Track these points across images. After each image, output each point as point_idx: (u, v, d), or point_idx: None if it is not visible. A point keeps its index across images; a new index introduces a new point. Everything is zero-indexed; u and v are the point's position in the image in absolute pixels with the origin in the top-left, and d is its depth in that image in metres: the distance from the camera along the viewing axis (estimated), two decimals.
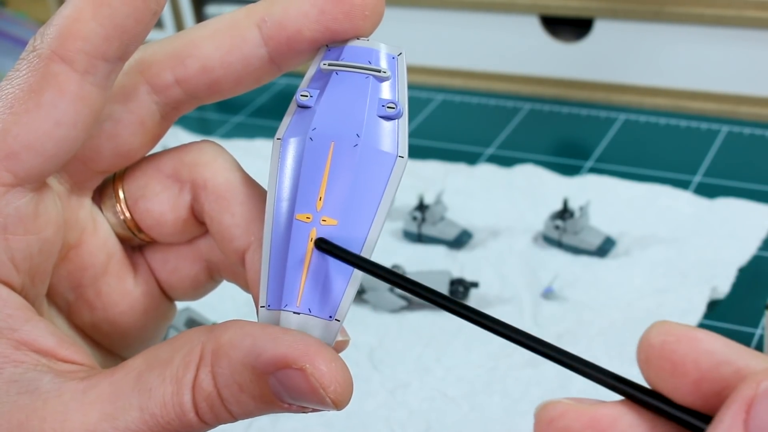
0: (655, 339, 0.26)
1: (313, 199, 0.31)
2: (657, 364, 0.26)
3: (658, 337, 0.26)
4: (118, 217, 0.36)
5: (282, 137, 0.32)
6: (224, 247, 0.35)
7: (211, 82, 0.34)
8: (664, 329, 0.26)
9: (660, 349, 0.26)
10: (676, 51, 0.91)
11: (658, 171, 0.83)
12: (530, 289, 0.71)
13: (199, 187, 0.35)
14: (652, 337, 0.26)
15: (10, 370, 0.31)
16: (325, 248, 0.31)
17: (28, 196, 0.32)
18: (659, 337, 0.26)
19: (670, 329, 0.26)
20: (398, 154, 0.32)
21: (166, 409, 0.30)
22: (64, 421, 0.30)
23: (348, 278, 0.31)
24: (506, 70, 0.98)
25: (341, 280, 0.31)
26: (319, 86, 0.32)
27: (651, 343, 0.26)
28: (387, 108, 0.32)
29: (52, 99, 0.31)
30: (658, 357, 0.26)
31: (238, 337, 0.30)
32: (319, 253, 0.31)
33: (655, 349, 0.26)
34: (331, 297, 0.31)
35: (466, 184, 0.84)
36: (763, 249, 0.73)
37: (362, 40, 0.33)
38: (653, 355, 0.26)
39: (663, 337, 0.26)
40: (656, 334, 0.26)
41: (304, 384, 0.29)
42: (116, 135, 0.34)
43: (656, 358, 0.26)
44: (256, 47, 0.33)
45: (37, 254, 0.33)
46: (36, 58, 0.31)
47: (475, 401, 0.63)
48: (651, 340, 0.26)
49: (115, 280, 0.36)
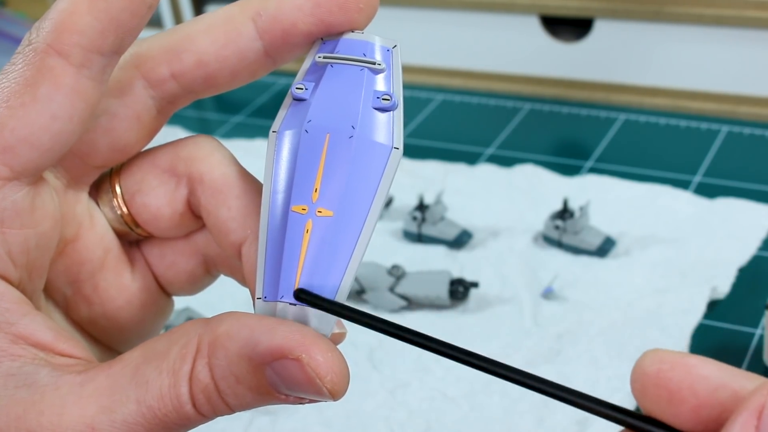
0: (649, 368, 0.26)
1: (309, 191, 0.31)
2: (654, 393, 0.26)
3: (653, 365, 0.26)
4: (115, 212, 0.36)
5: (277, 130, 0.33)
6: (221, 240, 0.35)
7: (207, 76, 0.34)
8: (658, 357, 0.26)
9: (656, 378, 0.25)
10: (676, 51, 0.91)
11: (658, 171, 0.83)
12: (530, 289, 0.71)
13: (196, 182, 0.35)
14: (647, 366, 0.26)
15: (8, 363, 0.31)
16: (306, 299, 0.30)
17: (25, 190, 0.32)
18: (654, 366, 0.26)
19: (663, 357, 0.26)
20: (393, 145, 0.32)
21: (163, 402, 0.30)
22: (61, 415, 0.30)
23: (344, 269, 0.31)
24: (506, 70, 0.98)
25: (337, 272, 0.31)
26: (314, 79, 0.33)
27: (645, 372, 0.26)
28: (382, 100, 0.32)
29: (48, 92, 0.31)
30: (655, 386, 0.26)
31: (234, 328, 0.30)
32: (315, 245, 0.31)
33: (650, 377, 0.26)
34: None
35: (466, 184, 0.84)
36: (763, 249, 0.73)
37: (357, 33, 0.33)
38: (649, 384, 0.26)
39: (657, 366, 0.26)
40: (650, 362, 0.26)
41: (301, 374, 0.29)
42: (112, 129, 0.34)
43: (653, 386, 0.26)
44: (252, 41, 0.33)
45: (34, 248, 0.33)
46: (32, 51, 0.31)
47: (475, 401, 0.63)
48: (645, 369, 0.26)
49: (113, 274, 0.36)
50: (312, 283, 0.31)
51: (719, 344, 0.65)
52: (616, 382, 0.62)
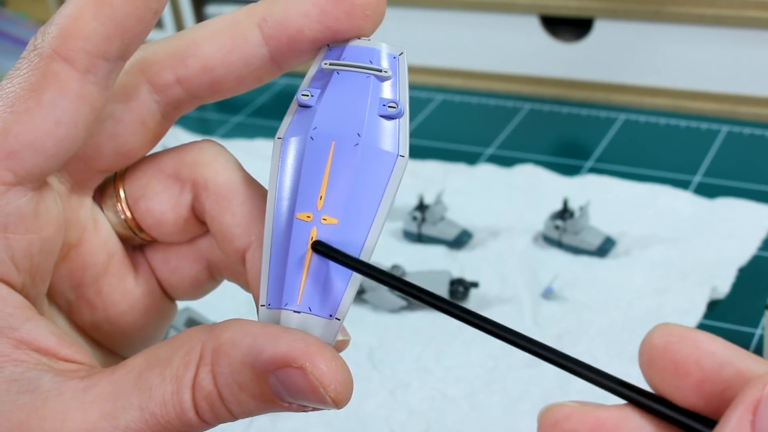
0: (658, 340, 0.26)
1: (314, 198, 0.31)
2: (660, 365, 0.26)
3: (662, 338, 0.26)
4: (119, 217, 0.36)
5: (283, 136, 0.32)
6: (225, 246, 0.35)
7: (212, 81, 0.34)
8: (667, 330, 0.26)
9: (663, 350, 0.26)
10: (676, 51, 0.91)
11: (658, 171, 0.83)
12: (530, 289, 0.71)
13: (200, 187, 0.35)
14: (655, 338, 0.26)
15: (11, 369, 0.31)
16: (322, 251, 0.31)
17: (29, 195, 0.32)
18: (662, 338, 0.26)
19: (672, 330, 0.26)
20: (399, 153, 0.32)
21: (166, 408, 0.30)
22: (64, 420, 0.30)
23: (348, 277, 0.31)
24: (506, 70, 0.98)
25: (341, 279, 0.31)
26: (320, 86, 0.32)
27: (654, 344, 0.26)
28: (388, 107, 0.32)
29: (52, 98, 0.31)
30: (662, 358, 0.26)
31: (238, 335, 0.30)
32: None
33: (658, 350, 0.26)
34: (332, 296, 0.31)
35: (466, 184, 0.84)
36: (763, 249, 0.73)
37: (363, 40, 0.33)
38: (656, 355, 0.26)
39: (666, 338, 0.26)
40: (659, 335, 0.26)
41: (304, 383, 0.29)
42: (117, 134, 0.34)
43: (659, 358, 0.26)
44: (257, 47, 0.33)
45: (38, 253, 0.33)
46: (37, 57, 0.31)
47: (475, 401, 0.63)
48: (654, 341, 0.26)
49: (116, 279, 0.36)
50: (316, 291, 0.31)
51: None
52: None
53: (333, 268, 0.31)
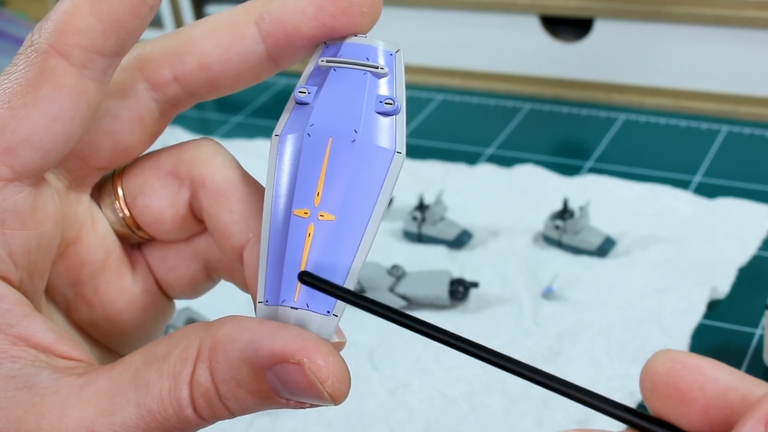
0: (660, 367, 0.26)
1: (311, 195, 0.31)
2: (664, 392, 0.26)
3: (664, 365, 0.26)
4: (117, 214, 0.36)
5: (280, 134, 0.32)
6: (222, 244, 0.35)
7: (210, 79, 0.34)
8: (669, 357, 0.26)
9: (666, 377, 0.26)
10: (676, 51, 0.91)
11: (658, 171, 0.83)
12: (530, 289, 0.71)
13: (198, 185, 0.35)
14: (658, 365, 0.26)
15: (8, 365, 0.31)
16: (309, 282, 0.30)
17: (26, 191, 0.32)
18: (665, 365, 0.26)
19: (675, 357, 0.26)
20: (396, 149, 0.32)
21: (163, 405, 0.30)
22: (61, 417, 0.30)
23: (346, 273, 0.31)
24: (506, 70, 0.98)
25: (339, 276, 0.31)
26: (317, 83, 0.33)
27: (657, 371, 0.26)
28: (385, 104, 0.32)
29: (49, 93, 0.31)
30: (665, 384, 0.26)
31: (235, 332, 0.30)
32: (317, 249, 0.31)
33: (661, 376, 0.26)
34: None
35: (466, 184, 0.84)
36: (763, 249, 0.73)
37: (360, 37, 0.33)
38: (659, 382, 0.26)
39: (669, 365, 0.26)
40: (662, 362, 0.26)
41: (302, 378, 0.29)
42: (114, 131, 0.34)
43: (663, 385, 0.26)
44: (255, 44, 0.33)
45: (36, 250, 0.33)
46: (33, 52, 0.31)
47: (475, 401, 0.63)
48: (657, 368, 0.26)
49: (114, 277, 0.36)
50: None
51: (719, 344, 0.65)
52: (616, 382, 0.62)
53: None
